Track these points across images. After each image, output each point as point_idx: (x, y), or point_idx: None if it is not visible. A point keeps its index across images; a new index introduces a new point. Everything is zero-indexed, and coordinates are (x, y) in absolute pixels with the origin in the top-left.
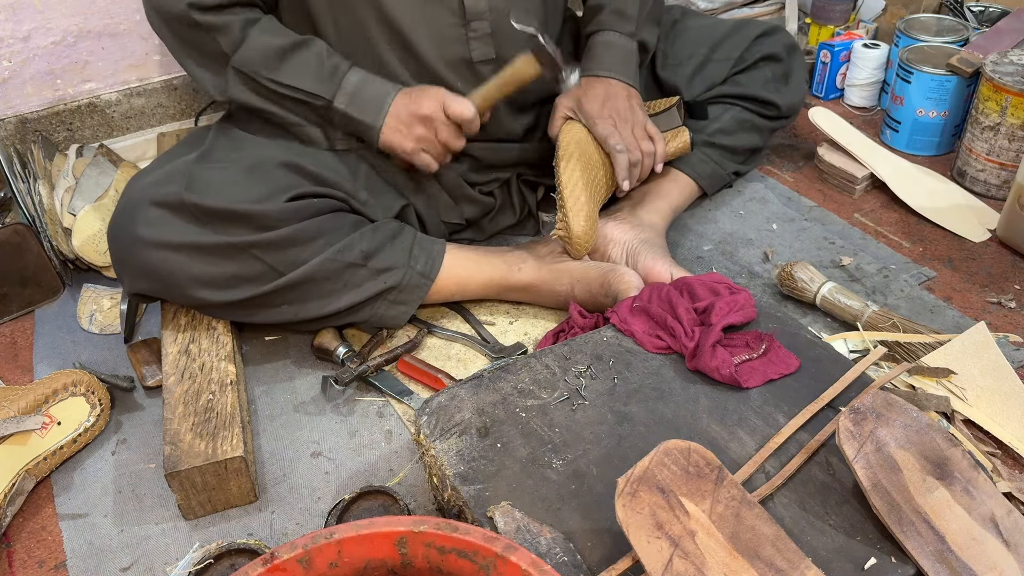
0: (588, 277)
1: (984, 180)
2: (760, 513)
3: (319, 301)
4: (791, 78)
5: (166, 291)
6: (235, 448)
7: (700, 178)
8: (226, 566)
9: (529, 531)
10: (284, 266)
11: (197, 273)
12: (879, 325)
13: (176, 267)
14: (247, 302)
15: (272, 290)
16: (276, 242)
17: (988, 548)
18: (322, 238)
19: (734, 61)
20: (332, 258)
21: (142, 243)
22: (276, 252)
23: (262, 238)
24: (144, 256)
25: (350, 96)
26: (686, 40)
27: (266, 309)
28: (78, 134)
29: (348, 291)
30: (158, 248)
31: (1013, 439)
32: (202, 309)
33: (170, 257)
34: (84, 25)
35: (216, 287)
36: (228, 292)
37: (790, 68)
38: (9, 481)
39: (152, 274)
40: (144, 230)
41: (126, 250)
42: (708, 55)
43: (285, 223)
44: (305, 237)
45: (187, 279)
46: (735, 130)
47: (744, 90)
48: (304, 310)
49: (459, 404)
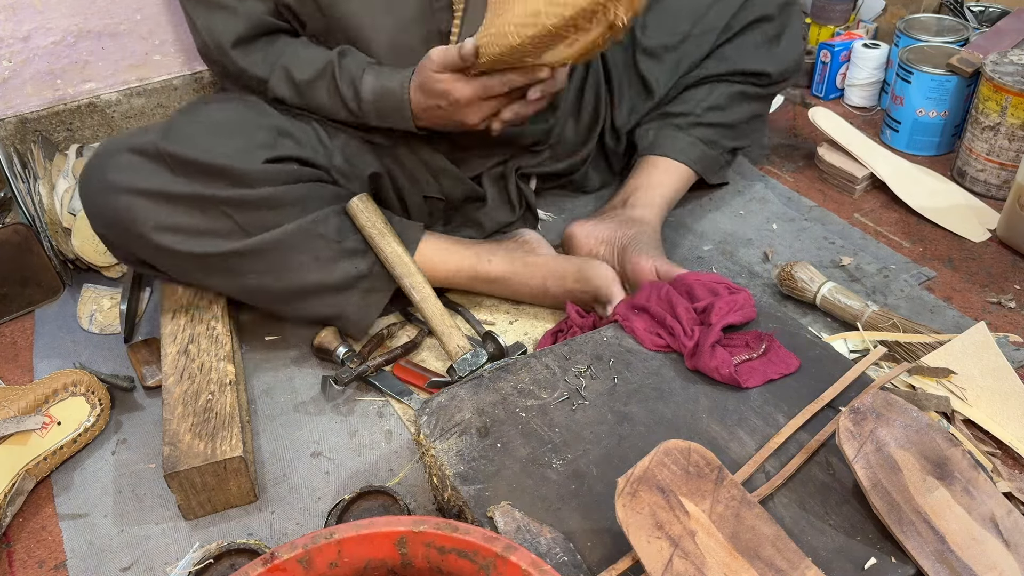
0: (561, 271)
1: (984, 180)
2: (760, 513)
3: (285, 272)
4: (782, 38)
5: (128, 238)
6: (234, 448)
7: (691, 162)
8: (226, 566)
9: (529, 531)
10: (253, 227)
11: (162, 220)
12: (879, 325)
13: (141, 213)
14: (209, 258)
15: (237, 250)
16: (249, 201)
17: (988, 548)
18: (297, 206)
19: (719, 30)
20: (304, 228)
21: (111, 188)
22: (247, 212)
23: (235, 194)
24: (112, 201)
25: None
26: (667, 16)
27: (231, 275)
28: (78, 134)
29: (317, 266)
30: (127, 193)
31: (1013, 439)
32: (163, 260)
33: (137, 202)
34: (84, 25)
35: (180, 234)
36: (191, 242)
37: (783, 26)
38: (9, 481)
39: (116, 220)
40: (115, 175)
41: (96, 195)
42: (689, 31)
43: (262, 183)
44: (280, 202)
45: (152, 226)
46: (728, 104)
47: (731, 65)
48: (269, 281)
49: (459, 404)
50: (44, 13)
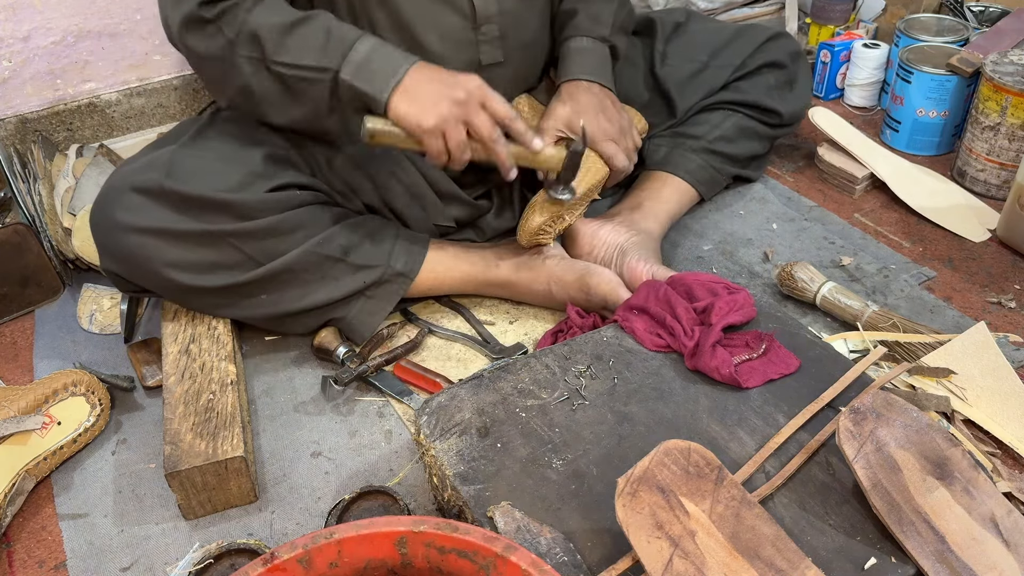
0: (565, 278)
1: (984, 180)
2: (760, 513)
3: (297, 291)
4: (795, 85)
5: (142, 275)
6: (235, 448)
7: (699, 184)
8: (226, 566)
9: (529, 531)
10: (263, 256)
11: (174, 258)
12: (879, 325)
13: (153, 252)
14: (224, 290)
15: (250, 280)
16: (255, 232)
17: (988, 548)
18: (302, 230)
19: (735, 67)
20: (311, 250)
21: (120, 228)
22: (255, 242)
23: (241, 227)
24: (122, 240)
25: (357, 66)
26: (687, 43)
27: (244, 299)
28: (78, 134)
29: (326, 284)
30: (136, 233)
31: (1013, 439)
32: (177, 295)
33: (147, 242)
34: (84, 25)
35: (193, 271)
36: (205, 277)
37: (794, 75)
38: (9, 481)
39: (129, 258)
40: (122, 215)
41: (105, 234)
42: (708, 61)
43: (265, 213)
44: (285, 228)
45: (163, 263)
46: (736, 137)
47: (746, 97)
48: (282, 301)
49: (459, 404)
50: (44, 13)
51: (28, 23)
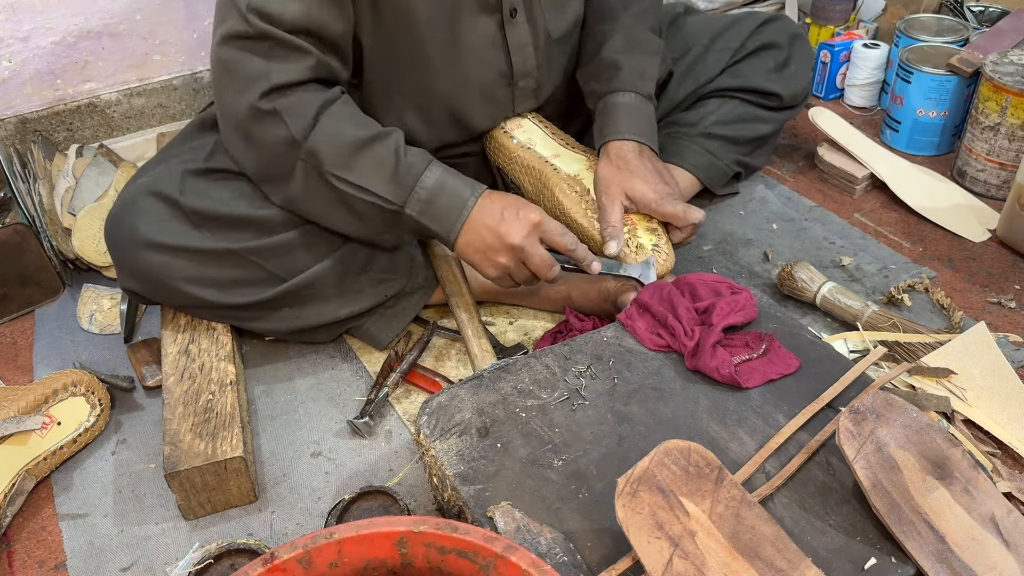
0: (584, 285)
1: (984, 180)
2: (760, 513)
3: (319, 306)
4: (793, 65)
5: (162, 293)
6: (235, 448)
7: (696, 169)
8: (226, 566)
9: (529, 531)
10: (285, 272)
11: (195, 275)
12: (879, 325)
13: (175, 270)
14: (248, 306)
15: (271, 297)
16: (275, 247)
17: (988, 548)
18: (323, 243)
19: (733, 51)
20: (332, 266)
21: (141, 243)
22: (276, 258)
23: (262, 244)
24: (142, 257)
25: (424, 203)
26: (686, 33)
27: (267, 312)
28: (78, 134)
29: (348, 297)
30: (157, 250)
31: (1013, 439)
32: (199, 310)
33: (168, 259)
34: (84, 25)
35: (216, 288)
36: (228, 294)
37: (792, 55)
38: (9, 481)
39: (149, 275)
40: (144, 229)
41: (124, 250)
42: (708, 45)
43: (285, 228)
44: (305, 242)
45: (185, 280)
46: (734, 120)
47: (743, 82)
48: (304, 315)
49: (459, 404)
50: (44, 13)
51: (28, 23)
